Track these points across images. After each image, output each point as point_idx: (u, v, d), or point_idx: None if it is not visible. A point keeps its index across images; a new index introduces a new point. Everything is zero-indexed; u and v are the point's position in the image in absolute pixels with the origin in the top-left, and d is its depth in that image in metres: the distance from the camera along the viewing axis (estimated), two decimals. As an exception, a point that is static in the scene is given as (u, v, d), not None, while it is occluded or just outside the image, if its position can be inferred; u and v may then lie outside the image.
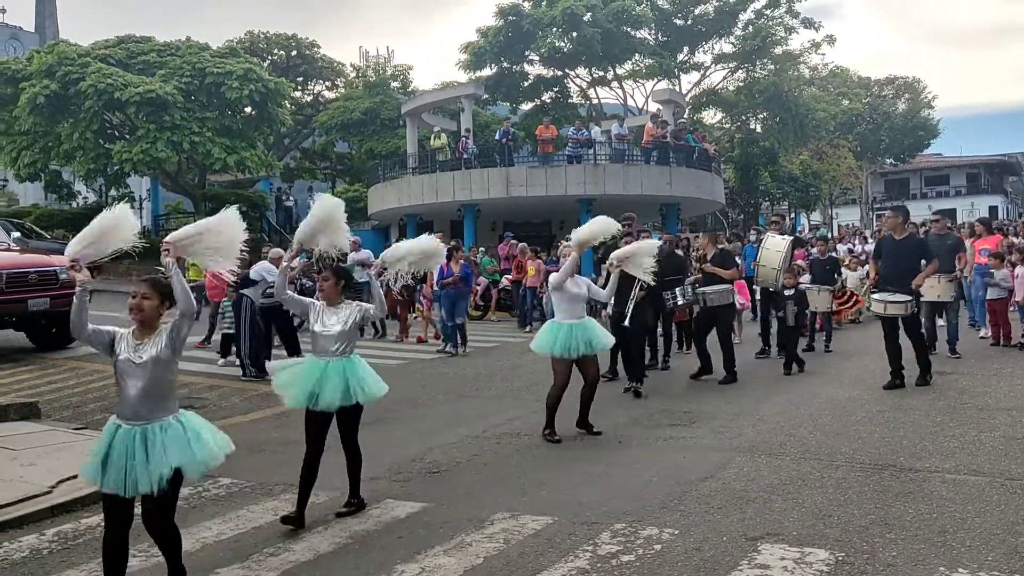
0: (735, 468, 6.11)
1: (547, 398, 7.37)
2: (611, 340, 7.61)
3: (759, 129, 40.04)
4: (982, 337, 12.16)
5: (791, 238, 11.02)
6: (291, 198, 35.38)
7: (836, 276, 12.83)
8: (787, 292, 10.54)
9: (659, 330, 11.27)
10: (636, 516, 5.11)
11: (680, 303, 10.15)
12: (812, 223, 49.05)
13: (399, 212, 26.73)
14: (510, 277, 18.37)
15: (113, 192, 31.63)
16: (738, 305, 13.09)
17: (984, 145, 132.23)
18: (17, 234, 20.16)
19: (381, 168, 28.82)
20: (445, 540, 4.83)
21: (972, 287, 12.39)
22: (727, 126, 41.15)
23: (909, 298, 8.77)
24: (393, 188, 26.82)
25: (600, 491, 5.72)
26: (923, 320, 11.30)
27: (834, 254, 17.14)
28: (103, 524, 3.95)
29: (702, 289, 10.01)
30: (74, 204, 32.87)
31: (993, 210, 53.97)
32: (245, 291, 10.51)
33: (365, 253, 15.95)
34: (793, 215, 49.10)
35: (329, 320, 5.42)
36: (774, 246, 10.74)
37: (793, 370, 10.13)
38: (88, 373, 11.41)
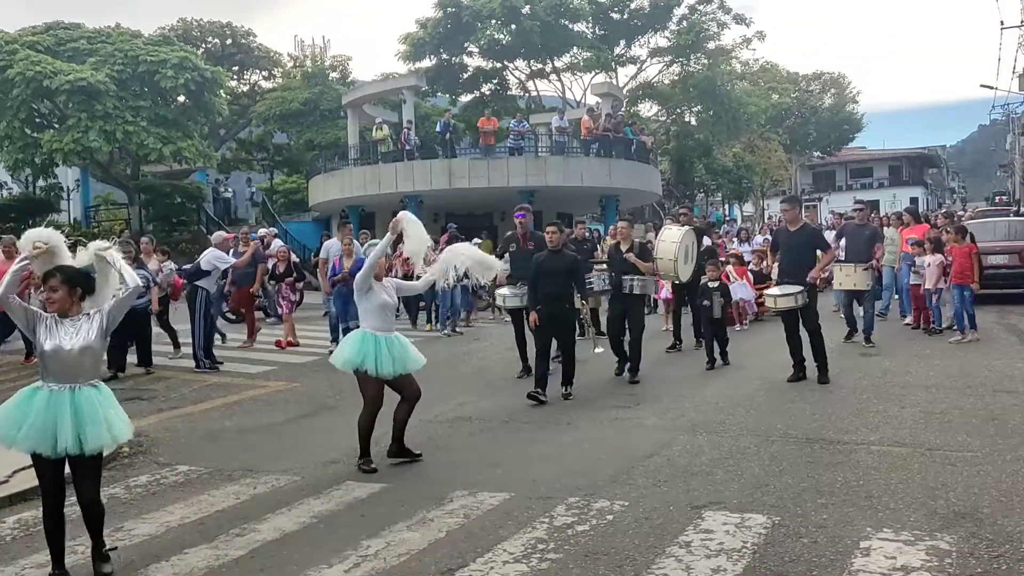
0: (679, 445, 6.46)
1: (359, 423, 6.28)
2: (422, 359, 6.48)
3: (694, 122, 40.92)
4: (906, 324, 12.69)
5: (687, 228, 10.56)
6: (229, 189, 34.77)
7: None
8: (712, 284, 10.42)
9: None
10: (588, 490, 5.39)
11: (596, 289, 9.97)
12: (745, 214, 50.42)
13: (341, 203, 26.59)
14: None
15: (41, 183, 30.64)
16: (666, 293, 13.47)
17: (905, 139, 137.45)
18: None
19: (322, 159, 28.58)
20: (407, 517, 5.04)
21: (899, 275, 12.87)
22: (663, 119, 41.93)
23: (799, 289, 8.66)
24: (335, 179, 26.66)
25: (553, 469, 6.00)
26: (841, 308, 11.83)
27: (735, 245, 17.76)
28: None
29: (631, 278, 9.36)
30: (-2, 195, 31.71)
31: (914, 201, 56.11)
32: (199, 282, 10.45)
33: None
34: (726, 206, 50.38)
35: (66, 335, 4.32)
36: (669, 238, 10.23)
37: (717, 364, 9.88)
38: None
